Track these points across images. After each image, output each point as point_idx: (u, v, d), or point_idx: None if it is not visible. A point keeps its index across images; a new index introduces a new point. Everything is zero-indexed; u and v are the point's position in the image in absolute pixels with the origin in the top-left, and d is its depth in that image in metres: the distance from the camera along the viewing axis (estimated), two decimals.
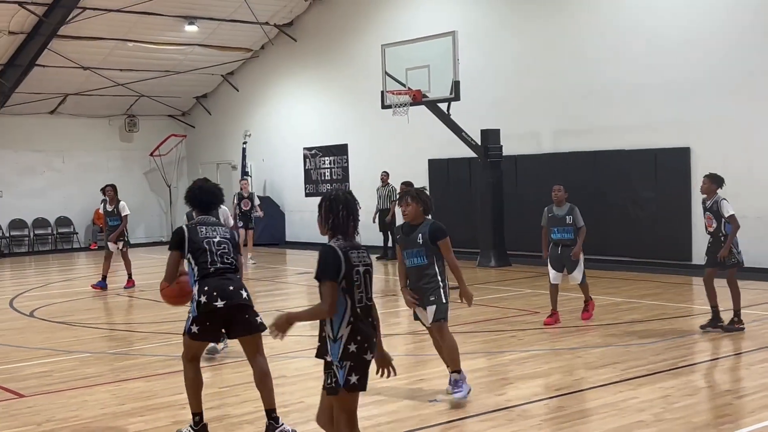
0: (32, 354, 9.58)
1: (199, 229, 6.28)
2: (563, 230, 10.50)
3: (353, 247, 4.70)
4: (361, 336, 4.63)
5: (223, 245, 6.27)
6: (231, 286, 6.11)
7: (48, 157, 25.51)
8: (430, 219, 7.24)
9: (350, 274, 4.62)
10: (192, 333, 6.07)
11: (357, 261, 4.67)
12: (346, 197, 4.78)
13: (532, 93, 18.07)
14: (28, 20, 20.28)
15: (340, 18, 22.60)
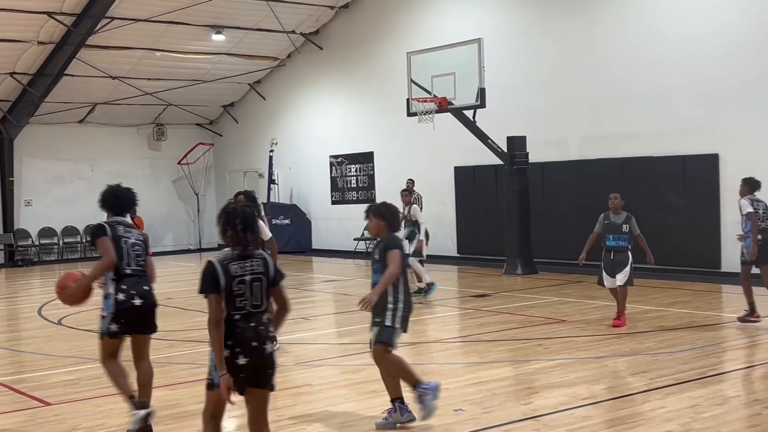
0: (59, 362, 9.65)
1: (117, 228, 6.60)
2: (619, 238, 10.62)
3: (240, 258, 5.01)
4: (232, 341, 4.89)
5: (137, 247, 6.61)
6: (145, 286, 6.50)
7: (77, 165, 25.77)
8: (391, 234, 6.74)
9: (230, 285, 4.92)
10: (111, 332, 6.38)
11: (240, 271, 4.96)
12: (243, 211, 5.07)
13: (558, 99, 17.97)
14: (56, 30, 20.52)
15: (365, 26, 22.65)
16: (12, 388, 8.31)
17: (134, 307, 6.36)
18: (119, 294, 6.33)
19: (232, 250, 5.05)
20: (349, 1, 22.83)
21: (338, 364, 9.17)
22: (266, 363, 5.01)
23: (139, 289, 6.42)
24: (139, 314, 6.42)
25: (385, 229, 6.69)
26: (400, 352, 6.73)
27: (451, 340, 10.45)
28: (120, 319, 6.35)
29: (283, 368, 8.71)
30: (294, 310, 13.05)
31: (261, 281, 5.04)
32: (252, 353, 4.93)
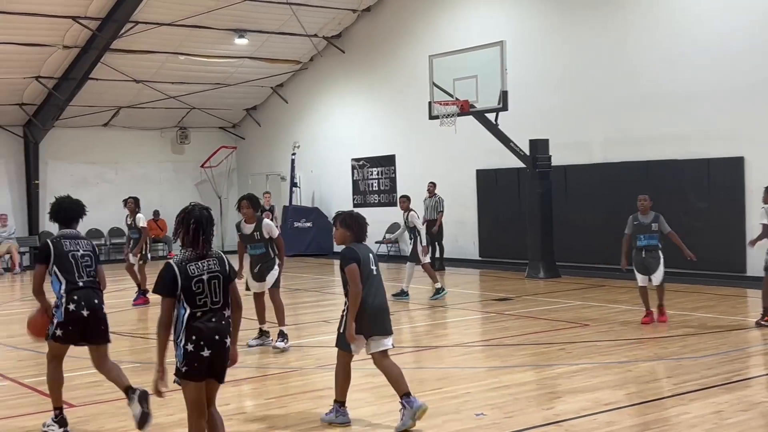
0: (83, 364, 9.66)
1: (64, 242, 6.85)
2: (649, 237, 11.08)
3: (197, 259, 5.30)
4: (196, 336, 5.19)
5: (86, 258, 6.90)
6: (95, 299, 6.80)
7: (101, 168, 25.97)
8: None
9: (189, 285, 5.21)
10: (56, 336, 6.76)
11: (198, 272, 5.26)
12: (200, 213, 5.37)
13: (581, 102, 17.89)
14: (81, 34, 20.70)
15: (388, 29, 22.67)
16: (36, 390, 8.38)
17: (82, 317, 6.69)
18: (70, 304, 6.67)
19: (188, 251, 5.33)
20: (372, 5, 22.86)
21: (358, 368, 9.12)
22: (224, 356, 5.32)
23: (90, 301, 6.74)
24: (87, 324, 6.73)
25: (350, 238, 6.80)
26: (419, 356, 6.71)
27: (473, 344, 10.41)
28: (68, 327, 6.69)
29: (304, 371, 8.75)
30: (315, 313, 13.10)
31: (218, 279, 5.32)
32: (214, 346, 5.22)
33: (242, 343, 10.29)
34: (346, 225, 6.81)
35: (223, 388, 8.16)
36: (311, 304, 14.65)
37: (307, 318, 12.96)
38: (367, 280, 6.68)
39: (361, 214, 7.04)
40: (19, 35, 20.08)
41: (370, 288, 6.71)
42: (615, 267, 16.70)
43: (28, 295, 18.32)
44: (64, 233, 6.97)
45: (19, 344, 11.45)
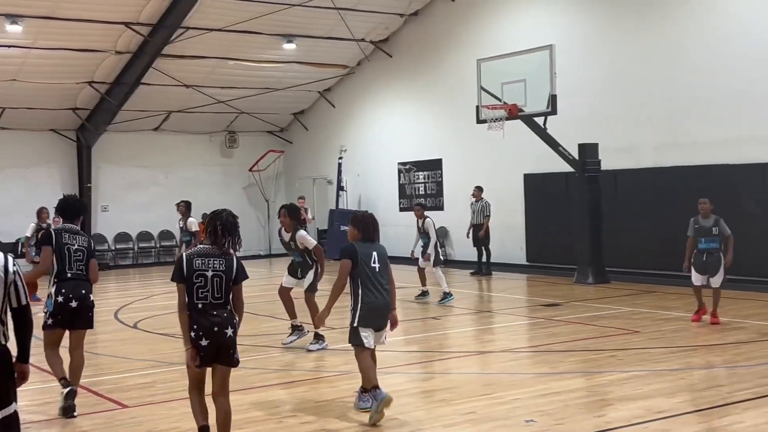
0: (135, 365, 9.87)
1: (64, 235, 7.68)
2: (710, 240, 11.43)
3: (207, 255, 5.89)
4: (197, 326, 5.81)
5: (78, 253, 7.66)
6: (83, 289, 7.52)
7: (152, 172, 26.35)
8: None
9: (191, 277, 5.81)
10: (47, 325, 7.54)
11: (202, 266, 5.84)
12: (227, 217, 5.98)
13: (631, 105, 17.69)
14: (133, 40, 21.04)
15: (435, 33, 22.65)
16: (90, 390, 8.52)
17: (71, 308, 7.45)
18: (59, 296, 7.42)
19: (205, 246, 5.96)
20: (419, 9, 22.87)
21: (406, 372, 9.16)
22: (227, 344, 5.87)
23: (77, 292, 7.48)
24: (74, 314, 7.49)
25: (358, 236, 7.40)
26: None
27: (521, 350, 10.35)
28: (57, 316, 7.47)
29: (351, 375, 8.76)
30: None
31: (221, 278, 5.86)
32: (212, 336, 5.81)
33: (299, 348, 10.38)
34: (354, 224, 7.47)
35: (276, 390, 8.26)
36: (243, 302, 14.65)
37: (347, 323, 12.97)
38: (367, 277, 7.19)
39: (373, 215, 7.71)
40: (73, 41, 20.48)
41: (371, 285, 7.22)
42: (666, 273, 16.56)
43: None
44: (65, 227, 7.79)
45: None
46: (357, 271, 7.19)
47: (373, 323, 7.23)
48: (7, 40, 19.85)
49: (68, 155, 25.11)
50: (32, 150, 24.58)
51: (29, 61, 20.84)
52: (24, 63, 20.90)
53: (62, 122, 24.50)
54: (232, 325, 5.90)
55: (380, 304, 7.25)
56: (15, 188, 23.63)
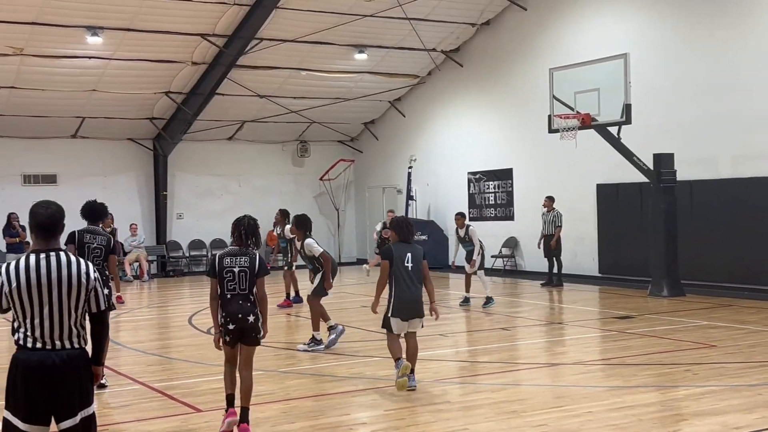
0: (209, 370, 10.02)
1: (85, 235, 8.96)
2: None
3: (234, 254, 7.07)
4: (225, 313, 6.99)
5: (97, 250, 8.91)
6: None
7: (225, 180, 26.81)
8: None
9: (222, 273, 7.00)
10: None
11: (231, 264, 7.02)
12: (248, 222, 7.26)
13: (709, 115, 17.30)
14: (209, 51, 21.48)
15: (506, 43, 22.55)
16: (165, 394, 8.70)
17: None
18: None
19: (233, 247, 7.18)
20: (491, 18, 22.81)
21: (476, 383, 9.12)
22: (249, 328, 6.99)
23: None
24: None
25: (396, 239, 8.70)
26: None
27: (593, 363, 10.20)
28: None
29: (421, 384, 8.77)
30: (431, 326, 13.18)
31: (246, 272, 6.99)
32: (237, 322, 6.95)
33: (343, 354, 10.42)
34: (392, 228, 8.78)
35: (342, 398, 8.32)
36: (427, 317, 14.62)
37: (422, 331, 12.95)
38: (400, 274, 8.46)
39: (408, 220, 9.09)
40: (151, 52, 21.01)
41: (402, 282, 8.48)
42: (743, 286, 16.14)
43: (155, 301, 19.11)
44: (87, 228, 9.03)
45: (148, 349, 11.95)
46: (392, 269, 8.44)
47: (402, 314, 8.51)
48: (87, 52, 20.47)
49: (145, 164, 25.73)
50: (110, 158, 25.26)
51: (108, 71, 21.45)
52: (103, 74, 21.52)
53: (139, 131, 25.12)
54: (254, 312, 7.00)
55: (409, 298, 8.53)
56: (93, 196, 23.87)
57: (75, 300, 4.66)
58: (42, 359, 4.58)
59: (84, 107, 23.05)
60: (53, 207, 4.78)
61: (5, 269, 4.66)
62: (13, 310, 4.66)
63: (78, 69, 21.13)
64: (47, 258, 4.65)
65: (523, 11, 21.88)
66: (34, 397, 4.55)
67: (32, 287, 4.59)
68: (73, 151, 24.67)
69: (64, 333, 4.64)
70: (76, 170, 24.59)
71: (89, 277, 4.72)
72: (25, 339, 4.62)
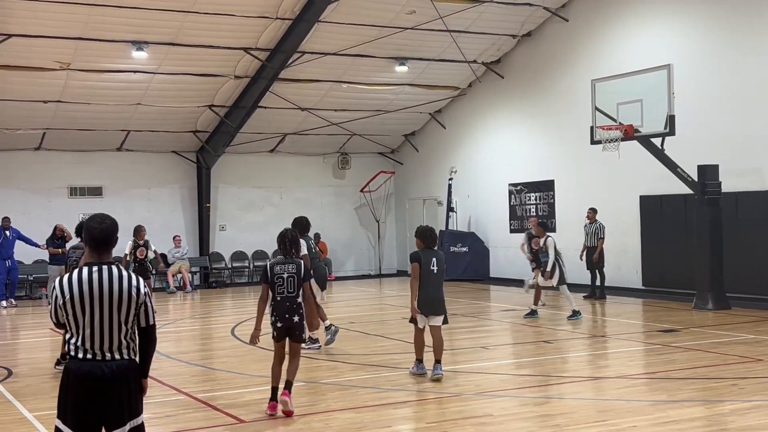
0: (251, 381, 10.11)
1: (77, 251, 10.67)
2: None
3: (283, 263, 8.28)
4: (275, 312, 8.21)
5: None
6: None
7: (267, 193, 27.02)
8: None
9: (273, 279, 8.23)
10: None
11: (281, 271, 8.24)
12: (291, 234, 8.53)
13: (752, 126, 17.07)
14: (252, 65, 21.71)
15: (548, 54, 22.48)
16: (209, 404, 8.79)
17: None
18: None
19: (280, 257, 8.39)
20: (532, 30, 22.75)
21: (519, 396, 9.08)
22: (295, 326, 8.20)
23: None
24: None
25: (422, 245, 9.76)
26: None
27: (637, 377, 10.09)
28: None
29: (463, 397, 8.76)
30: (472, 338, 13.12)
31: (294, 278, 8.20)
32: (284, 321, 8.17)
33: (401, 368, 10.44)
34: (417, 236, 9.80)
35: (382, 410, 8.34)
36: (468, 329, 14.63)
37: (464, 344, 12.96)
38: (425, 276, 9.56)
39: (432, 228, 9.89)
40: (195, 66, 21.30)
41: (427, 282, 9.59)
42: None
43: (198, 312, 19.30)
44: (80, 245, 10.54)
45: (191, 360, 12.08)
46: (421, 272, 9.52)
47: (425, 310, 9.66)
48: (133, 66, 20.81)
49: (189, 176, 26.04)
50: (155, 171, 25.61)
51: (153, 85, 21.79)
52: (148, 88, 21.85)
53: (183, 144, 25.44)
54: (299, 313, 8.19)
55: (432, 296, 9.67)
56: (138, 208, 24.65)
57: (125, 313, 4.77)
58: (92, 369, 4.68)
59: (129, 121, 23.43)
60: (108, 222, 4.90)
61: (58, 282, 4.79)
62: (67, 322, 4.78)
63: (123, 83, 21.49)
64: (99, 271, 4.77)
65: (565, 22, 21.80)
66: (84, 406, 4.66)
67: (84, 299, 4.71)
68: (118, 164, 25.06)
69: (114, 344, 4.74)
70: (122, 183, 24.97)
71: (139, 291, 4.82)
72: (77, 350, 4.73)
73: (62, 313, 4.77)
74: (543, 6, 21.53)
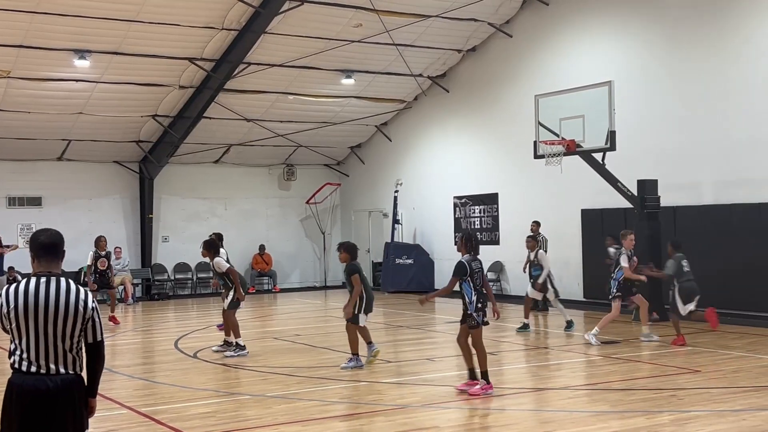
0: (196, 395, 10.03)
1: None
2: None
3: (474, 260, 9.60)
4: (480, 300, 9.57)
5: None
6: None
7: (212, 204, 26.81)
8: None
9: (473, 273, 9.52)
10: None
11: (475, 267, 9.58)
12: (475, 235, 9.98)
13: (692, 142, 17.53)
14: (197, 75, 21.56)
15: (492, 69, 22.78)
16: (152, 419, 8.69)
17: None
18: None
19: (469, 255, 9.63)
20: (476, 45, 23.04)
21: (465, 407, 9.16)
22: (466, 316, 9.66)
23: None
24: None
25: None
26: None
27: (579, 388, 10.27)
28: None
29: (409, 409, 8.81)
30: (417, 351, 13.19)
31: (481, 272, 9.70)
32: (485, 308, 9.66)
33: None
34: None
35: (329, 423, 8.34)
36: (413, 341, 14.71)
37: (409, 356, 13.03)
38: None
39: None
40: (139, 76, 21.07)
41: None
42: (727, 311, 16.27)
43: (140, 325, 19.03)
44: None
45: (134, 373, 11.92)
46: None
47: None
48: (75, 75, 20.50)
49: (131, 186, 25.71)
50: (96, 181, 25.23)
51: (96, 94, 21.48)
52: (91, 97, 21.54)
53: (126, 154, 25.12)
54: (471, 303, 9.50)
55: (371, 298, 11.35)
56: (79, 219, 24.23)
57: (71, 327, 4.69)
58: (36, 384, 4.60)
59: (70, 130, 23.05)
60: (53, 231, 4.86)
61: (5, 291, 4.71)
62: (11, 333, 4.69)
63: (65, 92, 21.15)
64: (47, 282, 4.69)
65: (509, 38, 22.13)
66: (28, 421, 4.57)
67: (29, 310, 4.63)
68: (58, 174, 24.62)
69: (59, 358, 4.66)
70: (62, 193, 24.53)
71: (86, 305, 4.74)
72: (20, 362, 4.65)
73: (7, 322, 4.69)
74: (487, 22, 21.83)
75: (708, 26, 17.34)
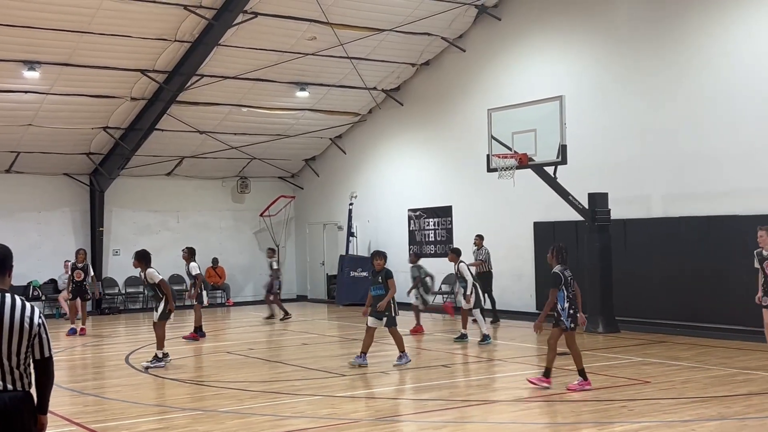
0: (147, 410, 9.90)
1: None
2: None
3: (566, 269, 10.48)
4: (573, 309, 10.39)
5: None
6: None
7: (164, 216, 26.54)
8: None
9: (567, 281, 10.40)
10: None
11: (569, 275, 10.44)
12: (565, 247, 10.67)
13: (641, 156, 17.83)
14: (149, 87, 21.36)
15: (446, 82, 22.95)
16: None
17: None
18: None
19: (562, 266, 10.50)
20: (430, 59, 23.20)
21: (419, 420, 9.18)
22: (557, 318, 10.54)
23: None
24: None
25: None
26: None
27: (532, 400, 10.35)
28: None
29: (363, 423, 8.79)
30: (372, 364, 13.14)
31: (574, 279, 10.51)
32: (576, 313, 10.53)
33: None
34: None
35: None
36: (367, 355, 14.66)
37: (363, 369, 13.00)
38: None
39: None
40: (89, 87, 20.81)
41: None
42: (676, 322, 16.57)
43: (90, 340, 18.73)
44: None
45: (84, 389, 11.73)
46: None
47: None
48: (24, 86, 20.19)
49: (81, 199, 25.35)
50: (45, 194, 24.83)
51: (45, 106, 21.17)
52: (40, 108, 21.22)
53: (76, 166, 24.77)
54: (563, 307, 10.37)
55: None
56: (28, 232, 23.83)
57: (17, 343, 4.61)
58: None
59: (19, 142, 22.67)
60: (0, 245, 4.76)
61: None
62: None
63: (13, 103, 20.81)
64: None
65: (462, 52, 22.33)
66: None
67: None
68: (7, 186, 24.18)
69: (6, 374, 4.58)
70: (10, 206, 24.10)
71: (32, 322, 4.66)
72: None
73: None
74: (441, 36, 22.01)
75: (657, 41, 17.69)
